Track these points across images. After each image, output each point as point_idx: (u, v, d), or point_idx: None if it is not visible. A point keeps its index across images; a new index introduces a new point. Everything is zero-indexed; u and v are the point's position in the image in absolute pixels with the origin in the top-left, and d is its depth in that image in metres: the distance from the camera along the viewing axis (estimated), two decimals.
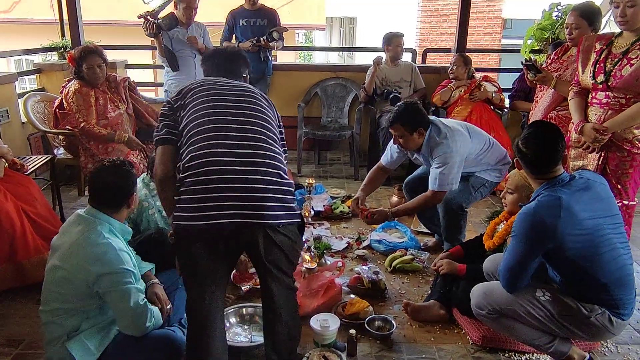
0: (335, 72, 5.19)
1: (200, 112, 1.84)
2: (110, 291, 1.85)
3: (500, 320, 2.06)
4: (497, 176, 2.99)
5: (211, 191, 1.71)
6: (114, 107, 3.52)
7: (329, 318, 2.29)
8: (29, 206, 2.79)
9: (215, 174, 1.72)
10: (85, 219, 1.93)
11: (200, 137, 1.78)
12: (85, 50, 3.46)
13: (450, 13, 13.13)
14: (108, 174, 1.95)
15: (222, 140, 1.78)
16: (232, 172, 1.73)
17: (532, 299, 1.98)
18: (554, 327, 1.98)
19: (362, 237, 3.43)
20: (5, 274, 2.64)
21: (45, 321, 1.93)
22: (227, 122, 1.82)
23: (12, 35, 10.79)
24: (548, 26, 4.59)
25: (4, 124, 3.98)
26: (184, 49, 4.02)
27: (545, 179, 1.95)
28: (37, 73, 4.85)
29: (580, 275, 1.90)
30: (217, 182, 1.71)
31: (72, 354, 1.85)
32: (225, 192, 1.70)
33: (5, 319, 2.50)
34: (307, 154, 5.23)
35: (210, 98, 1.87)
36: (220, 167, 1.73)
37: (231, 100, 1.89)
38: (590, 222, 1.86)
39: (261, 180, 1.75)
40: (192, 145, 1.78)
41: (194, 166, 1.74)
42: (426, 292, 2.75)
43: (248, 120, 1.85)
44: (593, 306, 1.92)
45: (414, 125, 2.79)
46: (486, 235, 2.58)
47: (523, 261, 1.93)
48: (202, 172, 1.73)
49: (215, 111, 1.84)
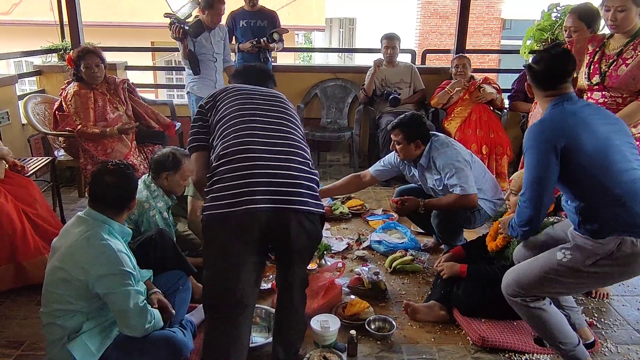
0: (334, 73, 5.20)
1: (233, 108, 1.94)
2: (110, 292, 1.85)
3: (532, 311, 1.99)
4: (491, 208, 2.98)
5: (247, 177, 1.76)
6: (113, 109, 3.52)
7: (329, 319, 2.30)
8: (29, 207, 2.80)
9: (250, 161, 1.78)
10: (85, 220, 1.93)
11: (234, 129, 1.86)
12: (83, 50, 3.47)
13: (450, 14, 13.16)
14: (110, 177, 1.95)
15: (254, 131, 1.87)
16: (266, 159, 1.80)
17: (556, 266, 1.90)
18: (590, 283, 1.92)
19: (362, 238, 3.44)
20: (6, 275, 2.65)
21: (45, 322, 1.93)
22: (258, 116, 1.92)
23: (11, 37, 10.80)
24: (547, 27, 4.59)
25: (4, 125, 3.99)
26: (206, 53, 4.07)
27: (554, 96, 1.94)
28: (37, 75, 4.86)
29: (595, 189, 1.84)
30: (252, 169, 1.77)
31: (73, 354, 1.86)
32: (261, 177, 1.76)
33: (6, 321, 2.50)
34: None
35: (242, 98, 1.99)
36: (254, 154, 1.80)
37: (261, 99, 2.01)
38: (600, 128, 1.85)
39: (294, 168, 1.83)
40: (226, 137, 1.86)
41: (229, 154, 1.80)
42: (426, 292, 2.76)
43: (278, 115, 1.96)
44: (612, 238, 1.82)
45: (413, 135, 2.85)
46: (489, 237, 2.58)
47: (542, 173, 1.87)
48: (236, 159, 1.79)
49: (247, 106, 1.95)
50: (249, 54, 4.48)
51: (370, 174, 3.19)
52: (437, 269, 2.62)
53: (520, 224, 1.99)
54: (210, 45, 4.08)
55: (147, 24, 11.47)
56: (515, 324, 2.41)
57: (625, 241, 1.79)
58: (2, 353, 2.26)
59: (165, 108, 4.78)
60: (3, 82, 4.05)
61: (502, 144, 4.20)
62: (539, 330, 2.10)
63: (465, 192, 2.76)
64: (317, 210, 1.86)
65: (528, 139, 1.92)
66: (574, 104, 1.91)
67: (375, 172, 3.17)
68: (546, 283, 1.93)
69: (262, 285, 2.71)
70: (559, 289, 1.96)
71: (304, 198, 1.80)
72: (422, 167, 2.95)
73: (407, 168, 3.10)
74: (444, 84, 4.55)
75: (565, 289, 1.96)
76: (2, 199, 2.68)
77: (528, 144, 1.92)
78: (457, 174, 2.78)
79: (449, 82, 4.52)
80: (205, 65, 4.08)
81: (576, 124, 1.85)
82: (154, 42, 11.30)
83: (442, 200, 2.86)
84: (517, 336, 2.33)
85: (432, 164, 2.89)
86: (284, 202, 1.76)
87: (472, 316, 2.45)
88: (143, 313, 1.89)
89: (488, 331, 2.34)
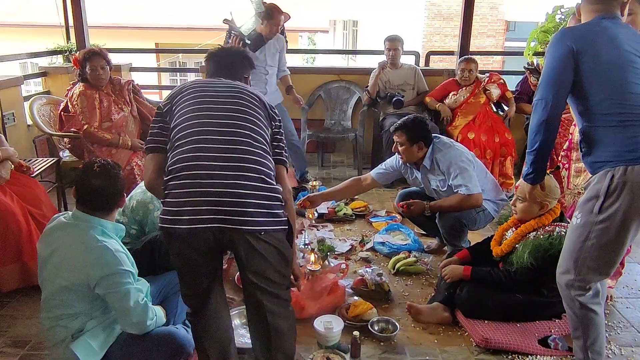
0: (338, 74, 5.21)
1: (186, 116, 1.79)
2: (110, 292, 1.86)
3: (583, 312, 1.94)
4: (494, 209, 2.99)
5: (190, 195, 1.67)
6: (118, 110, 3.55)
7: (332, 320, 2.30)
8: (34, 208, 2.82)
9: (195, 178, 1.68)
10: (74, 225, 1.91)
11: (184, 142, 1.74)
12: (89, 52, 3.49)
13: (454, 15, 13.14)
14: (97, 180, 1.92)
15: (203, 144, 1.73)
16: (212, 176, 1.68)
17: (576, 231, 1.90)
18: (613, 236, 1.85)
19: (365, 239, 3.44)
20: (12, 275, 2.66)
21: (48, 327, 1.93)
22: (210, 125, 1.77)
23: (16, 38, 10.87)
24: (551, 28, 4.59)
25: (10, 126, 4.01)
26: (259, 65, 3.98)
27: (599, 11, 1.91)
28: (42, 76, 4.89)
29: (601, 105, 1.84)
30: (197, 187, 1.67)
31: (76, 354, 1.87)
32: (204, 196, 1.65)
33: (11, 320, 2.52)
34: (311, 156, 5.25)
35: (196, 101, 1.83)
36: (200, 171, 1.69)
37: (218, 102, 1.83)
38: (626, 47, 1.84)
39: (241, 185, 1.68)
40: (176, 149, 1.75)
41: (176, 169, 1.71)
42: (430, 294, 2.76)
43: (233, 122, 1.78)
44: (604, 171, 1.82)
45: (416, 137, 2.86)
46: (494, 242, 2.58)
47: (557, 72, 1.87)
48: (182, 176, 1.69)
49: (202, 113, 1.80)
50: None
51: (371, 178, 3.19)
52: (442, 271, 2.62)
53: (532, 130, 1.94)
54: (264, 57, 4.05)
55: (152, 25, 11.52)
56: (519, 326, 2.41)
57: (616, 171, 1.80)
58: (7, 352, 2.28)
59: None
60: (9, 84, 4.08)
61: (507, 145, 4.20)
62: (580, 333, 2.01)
63: (470, 191, 2.76)
64: (273, 227, 1.71)
65: (551, 39, 1.93)
66: (613, 22, 1.90)
67: (377, 176, 3.17)
68: (581, 256, 1.90)
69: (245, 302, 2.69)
70: (597, 260, 1.89)
71: (254, 217, 1.66)
72: (425, 169, 2.95)
73: (409, 171, 3.10)
74: (445, 84, 4.55)
75: (600, 257, 1.88)
76: (8, 200, 2.70)
77: (549, 44, 1.93)
78: (462, 174, 2.79)
79: (451, 81, 4.51)
80: (255, 77, 4.00)
81: (601, 33, 1.85)
82: (158, 43, 11.35)
83: (447, 201, 2.86)
84: (521, 337, 2.33)
85: (435, 165, 2.90)
86: (228, 222, 1.65)
87: (475, 317, 2.45)
88: (144, 311, 1.91)
89: (491, 333, 2.34)
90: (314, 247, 3.19)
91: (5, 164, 2.79)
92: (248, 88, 1.93)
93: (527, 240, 2.40)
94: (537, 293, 2.44)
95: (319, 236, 3.37)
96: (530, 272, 2.35)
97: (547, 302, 2.43)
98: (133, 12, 11.58)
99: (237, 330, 2.36)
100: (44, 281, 1.93)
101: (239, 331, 2.36)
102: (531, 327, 2.41)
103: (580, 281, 1.93)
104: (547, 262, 2.30)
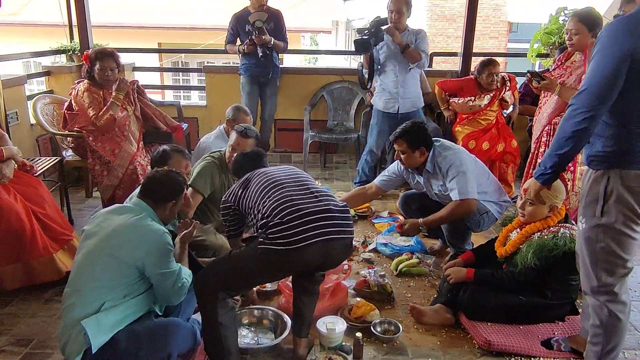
0: (341, 75, 5.21)
1: (264, 184, 2.16)
2: (155, 273, 1.98)
3: (610, 319, 1.93)
4: (498, 211, 2.99)
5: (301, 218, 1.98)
6: (122, 109, 3.55)
7: (335, 321, 2.30)
8: (38, 207, 2.82)
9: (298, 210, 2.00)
10: (132, 208, 2.11)
11: (271, 195, 2.08)
12: (101, 51, 3.49)
13: (457, 17, 13.15)
14: (160, 175, 2.20)
15: (290, 190, 2.11)
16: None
17: (585, 235, 1.89)
18: (622, 237, 1.84)
19: (368, 240, 3.44)
20: (15, 273, 2.67)
21: (68, 303, 1.96)
22: (286, 181, 2.17)
23: (20, 37, 10.88)
24: (555, 30, 4.59)
25: (14, 125, 4.01)
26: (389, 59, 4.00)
27: None
28: (45, 75, 4.89)
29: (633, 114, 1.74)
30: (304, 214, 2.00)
31: (87, 330, 1.85)
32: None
33: (14, 319, 2.52)
34: (313, 157, 5.25)
35: (266, 176, 2.21)
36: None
37: (280, 169, 2.27)
38: None
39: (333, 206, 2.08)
40: (266, 202, 2.06)
41: (277, 211, 2.00)
42: (432, 295, 2.76)
43: (300, 176, 2.23)
44: (600, 172, 1.81)
45: (417, 143, 2.85)
46: (498, 242, 2.57)
47: (612, 77, 1.67)
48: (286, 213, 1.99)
49: (275, 178, 2.18)
50: (249, 55, 4.45)
51: (375, 186, 3.18)
52: (445, 273, 2.61)
53: (565, 134, 1.80)
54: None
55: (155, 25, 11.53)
56: (522, 328, 2.40)
57: (611, 174, 1.79)
58: (10, 351, 2.28)
59: (173, 109, 4.81)
60: (13, 83, 4.08)
61: (511, 153, 4.10)
62: (601, 339, 1.98)
63: (462, 196, 2.75)
64: None
65: (601, 38, 1.72)
66: None
67: (381, 183, 3.17)
68: (596, 259, 1.88)
69: (268, 287, 2.73)
70: (610, 262, 1.87)
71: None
72: (428, 174, 2.95)
73: (411, 176, 3.09)
74: (462, 81, 4.35)
75: (612, 259, 1.86)
76: (12, 199, 2.71)
77: (604, 37, 1.71)
78: (458, 177, 2.78)
79: (470, 82, 4.24)
80: (386, 74, 4.02)
81: None
82: (161, 43, 11.36)
83: (439, 215, 2.83)
84: (524, 340, 2.33)
85: (437, 169, 2.89)
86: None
87: (478, 320, 2.45)
88: (181, 289, 2.05)
89: (494, 335, 2.34)
90: None
91: (8, 163, 2.80)
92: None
93: (531, 240, 2.40)
94: (541, 295, 2.43)
95: None
96: (534, 272, 2.34)
97: (550, 304, 2.43)
98: (136, 11, 11.59)
99: (240, 331, 2.36)
100: (86, 252, 2.00)
101: (241, 332, 2.36)
102: (534, 329, 2.40)
103: (603, 286, 1.92)
104: (550, 262, 2.30)
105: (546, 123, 3.19)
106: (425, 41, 3.99)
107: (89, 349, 1.85)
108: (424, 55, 3.91)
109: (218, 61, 10.13)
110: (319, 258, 2.01)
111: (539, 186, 2.04)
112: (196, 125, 5.24)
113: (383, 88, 4.07)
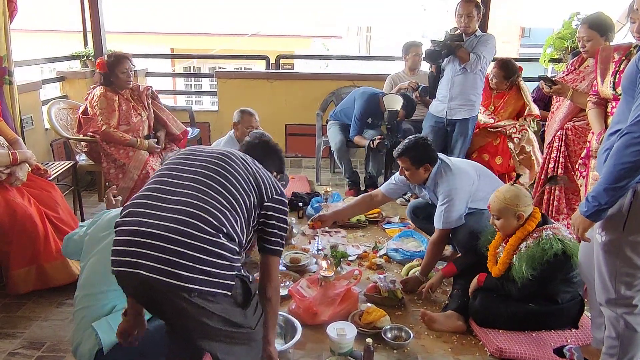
0: (352, 80, 5.21)
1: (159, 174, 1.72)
2: None
3: (627, 332, 1.90)
4: None
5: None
6: (136, 114, 3.61)
7: (345, 326, 2.30)
8: (51, 211, 2.86)
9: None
10: None
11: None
12: (117, 56, 3.55)
13: None
14: None
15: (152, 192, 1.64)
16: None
17: (605, 249, 1.84)
18: None
19: (378, 245, 3.43)
20: (28, 277, 2.69)
21: (79, 307, 1.98)
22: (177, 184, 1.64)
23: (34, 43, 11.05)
24: (567, 35, 4.56)
25: (29, 130, 4.07)
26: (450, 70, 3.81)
27: None
28: (60, 81, 4.95)
29: None
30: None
31: (97, 330, 1.88)
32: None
33: (27, 322, 2.54)
34: (324, 162, 5.24)
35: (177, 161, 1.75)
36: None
37: (200, 164, 1.71)
38: None
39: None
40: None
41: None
42: (443, 302, 2.74)
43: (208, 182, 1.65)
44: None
45: (421, 160, 2.82)
46: (490, 263, 2.54)
47: None
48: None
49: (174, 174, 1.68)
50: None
51: (381, 193, 3.16)
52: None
53: (624, 166, 1.65)
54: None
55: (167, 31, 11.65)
56: (534, 335, 2.38)
57: (638, 188, 1.71)
58: (23, 354, 2.30)
59: (185, 114, 4.85)
60: (28, 88, 4.14)
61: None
62: (616, 351, 1.95)
63: (445, 226, 2.76)
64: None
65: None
66: None
67: (387, 191, 3.14)
68: (616, 272, 1.83)
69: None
70: (632, 276, 1.82)
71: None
72: (430, 188, 2.94)
73: (417, 187, 3.07)
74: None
75: (637, 269, 1.81)
76: (25, 202, 2.74)
77: None
78: (447, 204, 2.75)
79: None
80: (442, 85, 3.88)
81: None
82: (174, 49, 11.47)
83: (426, 261, 2.86)
84: (536, 347, 2.30)
85: (437, 188, 2.86)
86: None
87: (489, 326, 2.43)
88: None
89: (506, 342, 2.31)
90: (326, 253, 3.19)
91: (22, 167, 2.83)
92: (241, 157, 1.80)
93: (520, 253, 2.37)
94: (551, 301, 2.41)
95: (331, 242, 3.36)
96: (534, 283, 2.32)
97: (561, 309, 2.40)
98: (149, 17, 11.73)
99: None
100: (94, 256, 2.00)
101: None
102: (547, 337, 2.38)
103: (621, 298, 1.88)
104: (546, 269, 2.28)
105: (558, 128, 3.16)
106: (483, 43, 3.67)
107: (101, 350, 1.87)
108: (473, 57, 3.62)
109: (230, 66, 10.17)
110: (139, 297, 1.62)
111: (590, 223, 1.83)
112: (208, 130, 5.27)
113: (438, 91, 3.94)
